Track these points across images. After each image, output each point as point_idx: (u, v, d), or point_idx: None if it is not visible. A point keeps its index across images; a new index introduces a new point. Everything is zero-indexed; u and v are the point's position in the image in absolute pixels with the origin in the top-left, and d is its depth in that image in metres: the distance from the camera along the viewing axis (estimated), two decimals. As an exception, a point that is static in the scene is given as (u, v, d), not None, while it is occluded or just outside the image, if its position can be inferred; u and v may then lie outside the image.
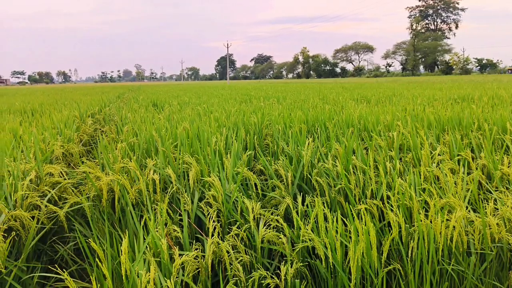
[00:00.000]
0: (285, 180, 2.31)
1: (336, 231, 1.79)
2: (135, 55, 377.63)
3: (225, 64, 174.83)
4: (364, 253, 1.75)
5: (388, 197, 2.20)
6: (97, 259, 1.48)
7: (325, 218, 1.92)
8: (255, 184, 2.23)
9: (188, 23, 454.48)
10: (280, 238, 1.86)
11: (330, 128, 3.35)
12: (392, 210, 1.98)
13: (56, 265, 2.26)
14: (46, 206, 2.15)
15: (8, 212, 1.95)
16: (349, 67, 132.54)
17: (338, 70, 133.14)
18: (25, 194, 2.15)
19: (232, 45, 64.43)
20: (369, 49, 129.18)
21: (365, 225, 1.73)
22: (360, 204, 2.19)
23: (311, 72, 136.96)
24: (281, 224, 1.96)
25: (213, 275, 1.91)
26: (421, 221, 1.79)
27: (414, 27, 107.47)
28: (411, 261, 1.84)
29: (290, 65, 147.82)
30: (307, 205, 2.22)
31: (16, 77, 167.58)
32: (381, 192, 2.23)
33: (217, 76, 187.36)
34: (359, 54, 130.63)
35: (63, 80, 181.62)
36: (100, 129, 5.12)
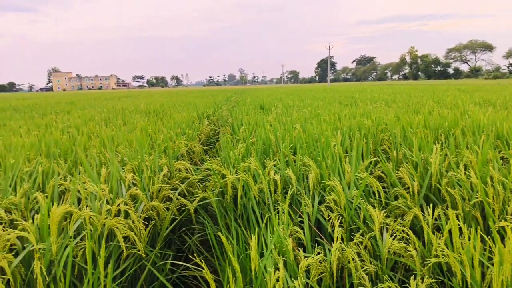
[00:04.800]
0: (410, 189, 2.17)
1: (474, 248, 1.62)
2: (239, 59, 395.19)
3: (325, 66, 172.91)
4: (509, 276, 1.55)
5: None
6: (229, 254, 1.56)
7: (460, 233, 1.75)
8: (378, 192, 2.13)
9: (290, 27, 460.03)
10: (409, 250, 1.75)
11: (457, 134, 3.06)
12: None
13: (185, 254, 2.45)
14: (177, 198, 2.35)
15: (147, 202, 2.17)
16: (464, 67, 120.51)
17: (450, 71, 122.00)
18: (160, 187, 2.37)
19: (334, 47, 63.39)
20: (488, 47, 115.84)
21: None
22: (500, 221, 1.95)
23: (419, 73, 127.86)
24: (408, 236, 1.85)
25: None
26: None
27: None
28: None
29: (395, 66, 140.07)
30: (435, 218, 2.05)
31: (137, 81, 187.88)
32: (527, 208, 1.95)
33: (317, 79, 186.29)
34: (476, 54, 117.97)
35: (176, 84, 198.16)
36: (216, 129, 5.45)
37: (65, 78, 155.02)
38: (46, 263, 1.75)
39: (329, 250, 1.85)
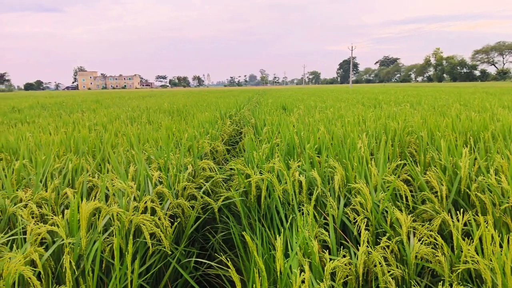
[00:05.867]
0: (439, 193, 2.12)
1: (506, 255, 1.58)
2: (260, 60, 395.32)
3: (347, 67, 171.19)
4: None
5: None
6: (255, 254, 1.56)
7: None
8: (405, 195, 2.10)
9: (312, 27, 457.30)
10: (437, 256, 1.71)
11: (486, 138, 2.97)
12: None
13: (208, 253, 2.46)
14: (202, 197, 2.37)
15: (173, 200, 2.20)
16: (491, 69, 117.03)
17: (477, 73, 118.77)
18: (185, 185, 2.39)
19: (356, 48, 62.67)
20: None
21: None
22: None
23: (444, 75, 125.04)
24: (436, 241, 1.81)
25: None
26: None
27: None
28: None
29: (420, 68, 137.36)
30: (464, 223, 2.00)
31: (159, 81, 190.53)
32: None
33: (338, 80, 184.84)
34: (504, 56, 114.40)
35: (198, 84, 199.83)
36: (238, 129, 5.47)
37: (90, 77, 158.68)
38: (75, 258, 1.79)
39: (355, 253, 1.83)
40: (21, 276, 1.68)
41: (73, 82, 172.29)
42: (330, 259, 1.67)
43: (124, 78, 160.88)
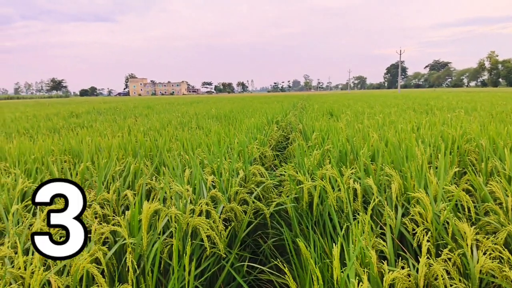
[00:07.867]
0: (504, 204, 2.00)
1: None
2: (304, 65, 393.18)
3: (394, 72, 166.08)
4: None
5: None
6: (311, 262, 1.55)
7: None
8: (467, 206, 2.00)
9: (357, 32, 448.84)
10: (504, 271, 1.61)
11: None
12: None
13: (259, 258, 2.48)
14: (253, 202, 2.39)
15: (226, 204, 2.24)
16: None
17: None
18: (237, 189, 2.43)
19: (405, 52, 60.67)
20: None
21: None
22: None
23: (500, 79, 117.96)
24: (501, 255, 1.70)
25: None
26: None
27: None
28: None
29: (473, 72, 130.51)
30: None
31: (205, 87, 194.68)
32: None
33: (385, 85, 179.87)
34: None
35: (242, 89, 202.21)
36: (285, 135, 5.48)
37: (141, 84, 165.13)
38: (136, 257, 1.87)
39: (413, 265, 1.77)
40: (87, 272, 1.78)
41: (124, 89, 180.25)
42: (389, 270, 1.62)
43: (172, 85, 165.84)
